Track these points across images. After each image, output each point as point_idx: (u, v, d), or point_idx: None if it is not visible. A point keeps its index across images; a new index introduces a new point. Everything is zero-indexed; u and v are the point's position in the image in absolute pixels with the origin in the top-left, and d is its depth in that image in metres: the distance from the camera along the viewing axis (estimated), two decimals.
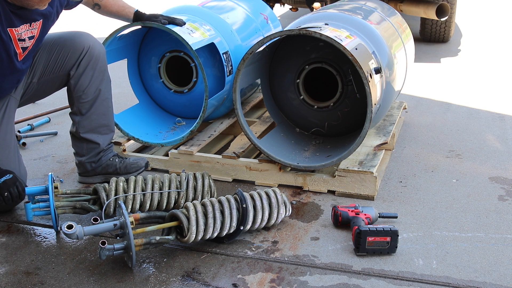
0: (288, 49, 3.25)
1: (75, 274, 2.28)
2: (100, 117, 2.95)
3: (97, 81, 2.89)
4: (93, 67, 2.86)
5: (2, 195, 2.45)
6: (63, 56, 2.84)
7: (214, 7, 3.68)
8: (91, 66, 2.86)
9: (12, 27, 2.49)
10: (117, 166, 2.99)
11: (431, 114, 4.24)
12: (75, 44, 2.84)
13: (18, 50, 2.57)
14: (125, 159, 3.03)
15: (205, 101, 3.10)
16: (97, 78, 2.89)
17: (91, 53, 2.85)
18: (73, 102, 2.92)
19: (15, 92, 2.80)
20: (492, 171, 3.23)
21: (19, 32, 2.53)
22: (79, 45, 2.84)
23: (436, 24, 6.54)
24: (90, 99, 2.89)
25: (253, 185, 3.05)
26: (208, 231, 2.36)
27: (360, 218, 2.49)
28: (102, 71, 2.91)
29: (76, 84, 2.87)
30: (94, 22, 7.04)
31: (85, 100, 2.89)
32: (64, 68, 2.85)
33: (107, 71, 2.95)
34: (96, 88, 2.89)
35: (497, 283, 2.21)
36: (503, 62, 5.90)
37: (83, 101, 2.89)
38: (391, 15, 3.74)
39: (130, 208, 2.58)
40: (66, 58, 2.84)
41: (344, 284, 2.21)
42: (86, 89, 2.87)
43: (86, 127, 2.94)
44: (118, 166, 2.99)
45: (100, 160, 2.99)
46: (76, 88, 2.88)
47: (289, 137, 3.27)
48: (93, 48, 2.86)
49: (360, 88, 2.96)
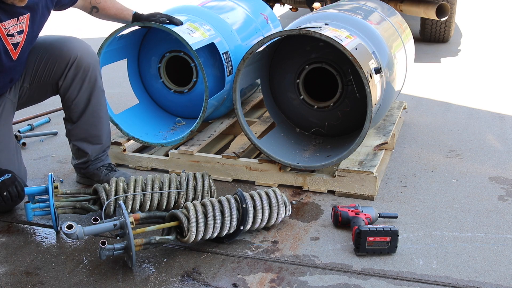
0: (288, 49, 3.25)
1: (75, 274, 2.28)
2: (90, 127, 2.87)
3: (86, 93, 2.80)
4: (82, 78, 2.76)
5: (1, 195, 2.45)
6: (51, 65, 2.75)
7: (214, 7, 3.68)
8: (79, 78, 2.76)
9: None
10: (101, 178, 2.92)
11: (431, 114, 4.24)
12: (62, 54, 2.74)
13: (8, 46, 2.50)
14: (112, 172, 2.94)
15: (205, 101, 3.10)
16: (86, 90, 2.79)
17: (78, 64, 2.74)
18: (65, 109, 2.89)
19: (10, 94, 2.76)
20: (492, 171, 3.23)
21: (6, 27, 2.46)
22: (66, 55, 2.73)
23: (436, 24, 6.54)
24: (79, 110, 2.82)
25: (253, 185, 3.05)
26: (208, 231, 2.36)
27: (360, 218, 2.49)
28: (92, 82, 2.79)
29: (65, 95, 2.80)
30: (93, 22, 7.04)
31: (74, 111, 2.83)
32: (53, 77, 2.77)
33: (98, 81, 2.83)
34: (85, 100, 2.80)
35: (497, 283, 2.21)
36: (503, 62, 5.90)
37: (73, 111, 2.83)
38: (391, 15, 3.74)
39: (130, 208, 2.58)
40: (54, 68, 2.75)
41: (344, 284, 2.21)
42: (74, 101, 2.80)
43: (76, 136, 2.89)
44: (101, 178, 2.92)
45: (87, 168, 2.96)
46: (65, 99, 2.82)
47: (289, 137, 3.27)
48: (81, 59, 2.74)
49: (360, 88, 2.96)
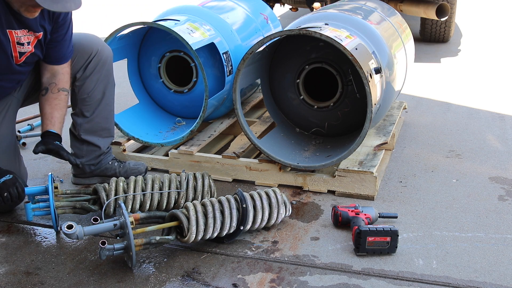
0: (288, 49, 3.25)
1: (75, 274, 2.28)
2: (102, 120, 2.95)
3: (102, 85, 2.88)
4: (100, 70, 2.85)
5: (1, 195, 2.45)
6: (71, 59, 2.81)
7: (214, 7, 3.69)
8: (97, 69, 2.84)
9: (12, 29, 2.46)
10: (117, 170, 2.99)
11: (431, 114, 4.24)
12: (83, 48, 2.82)
13: (15, 53, 2.52)
14: (125, 163, 3.02)
15: (205, 101, 3.10)
16: (102, 82, 2.88)
17: (99, 56, 2.83)
18: (76, 104, 2.91)
19: (18, 92, 2.79)
20: (492, 171, 3.23)
21: (18, 35, 2.50)
22: (88, 48, 2.82)
23: (436, 24, 6.54)
24: (94, 102, 2.88)
25: (253, 185, 3.05)
26: (208, 231, 2.36)
27: (360, 218, 2.49)
28: (108, 75, 2.90)
29: (82, 86, 2.85)
30: (93, 22, 7.06)
31: (89, 103, 2.88)
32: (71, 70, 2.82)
33: (112, 75, 2.94)
34: (101, 92, 2.88)
35: (497, 283, 2.21)
36: (503, 62, 5.90)
37: (87, 104, 2.89)
38: (391, 15, 3.74)
39: (130, 208, 2.58)
40: (73, 61, 2.81)
41: (344, 284, 2.21)
42: (90, 92, 2.86)
43: (88, 130, 2.93)
44: (117, 170, 2.99)
45: (100, 163, 2.99)
46: (81, 91, 2.86)
47: (289, 137, 3.27)
48: (101, 52, 2.84)
49: (360, 88, 2.96)
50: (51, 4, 2.29)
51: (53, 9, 2.33)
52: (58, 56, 2.72)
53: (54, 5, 2.30)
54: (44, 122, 2.72)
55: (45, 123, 2.71)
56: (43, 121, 2.73)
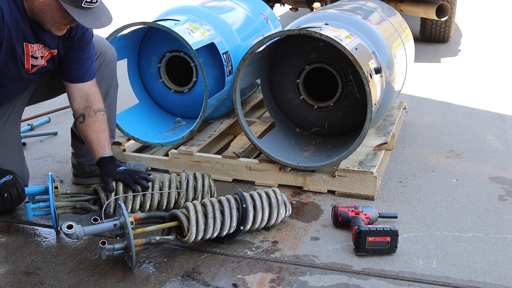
0: (288, 49, 3.25)
1: (75, 274, 2.28)
2: None
3: (105, 85, 2.87)
4: (103, 71, 2.84)
5: (1, 196, 2.45)
6: None
7: (214, 7, 3.69)
8: (101, 70, 2.83)
9: (28, 42, 2.46)
10: None
11: (431, 114, 4.24)
12: None
13: (27, 65, 2.52)
14: (125, 164, 2.98)
15: (205, 101, 3.10)
16: (106, 83, 2.87)
17: (103, 57, 2.83)
18: None
19: (24, 93, 2.78)
20: (492, 171, 3.23)
21: (33, 49, 2.50)
22: None
23: (436, 24, 6.54)
24: None
25: (253, 185, 3.05)
26: (208, 231, 2.36)
27: (360, 218, 2.49)
28: (111, 76, 2.90)
29: None
30: None
31: None
32: None
33: (116, 76, 2.94)
34: (104, 92, 2.86)
35: (497, 283, 2.21)
36: (503, 62, 5.90)
37: None
38: (391, 15, 3.75)
39: (130, 208, 2.58)
40: None
41: (344, 284, 2.21)
42: None
43: None
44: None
45: None
46: None
47: (289, 137, 3.27)
48: (105, 53, 2.84)
49: (360, 88, 2.96)
50: (91, 22, 2.32)
51: (92, 27, 2.37)
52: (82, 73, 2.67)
53: (93, 23, 2.33)
54: (94, 148, 2.64)
55: (96, 149, 2.64)
56: (92, 148, 2.65)
